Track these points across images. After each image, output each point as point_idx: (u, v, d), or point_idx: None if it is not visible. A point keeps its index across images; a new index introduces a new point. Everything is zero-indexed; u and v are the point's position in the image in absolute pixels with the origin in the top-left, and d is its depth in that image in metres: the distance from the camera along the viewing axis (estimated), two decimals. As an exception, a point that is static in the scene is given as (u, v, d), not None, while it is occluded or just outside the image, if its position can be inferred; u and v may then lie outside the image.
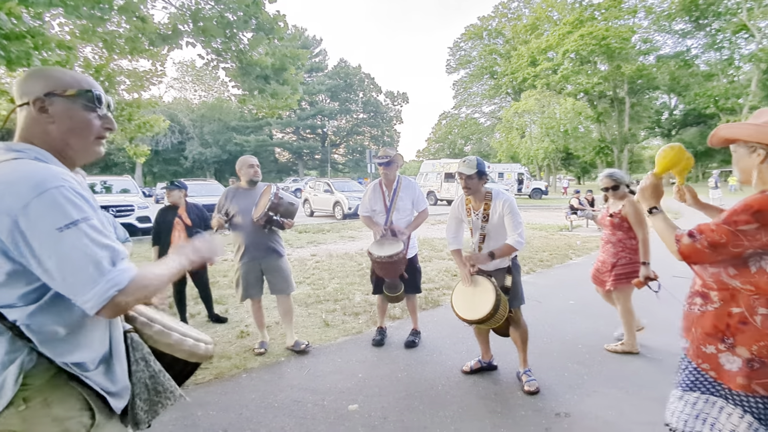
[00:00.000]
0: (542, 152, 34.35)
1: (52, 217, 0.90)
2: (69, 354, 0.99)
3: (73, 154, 1.08)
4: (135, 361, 1.16)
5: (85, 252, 0.91)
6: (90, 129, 1.09)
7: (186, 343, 1.30)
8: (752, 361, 1.33)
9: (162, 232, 3.96)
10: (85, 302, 0.92)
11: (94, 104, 1.09)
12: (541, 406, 2.66)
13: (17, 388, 0.92)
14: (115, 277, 0.94)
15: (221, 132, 46.72)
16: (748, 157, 1.38)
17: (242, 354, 3.45)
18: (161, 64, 10.14)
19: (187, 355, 1.31)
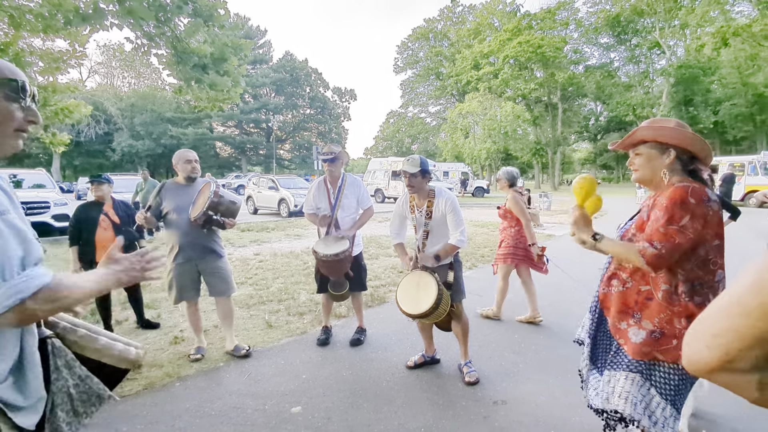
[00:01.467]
0: (485, 152, 35.89)
1: None
2: None
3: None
4: (56, 369, 1.06)
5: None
6: (10, 121, 0.98)
7: (115, 348, 1.21)
8: (654, 332, 1.51)
9: (83, 230, 3.59)
10: None
11: (18, 95, 0.99)
12: (480, 395, 2.77)
13: None
14: (20, 284, 0.84)
15: (155, 123, 43.34)
16: (660, 157, 1.56)
17: (176, 361, 3.23)
18: (81, 45, 9.21)
19: (117, 361, 1.22)
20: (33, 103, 1.05)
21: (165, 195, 3.17)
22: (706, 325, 0.58)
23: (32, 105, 1.04)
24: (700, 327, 0.59)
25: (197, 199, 3.11)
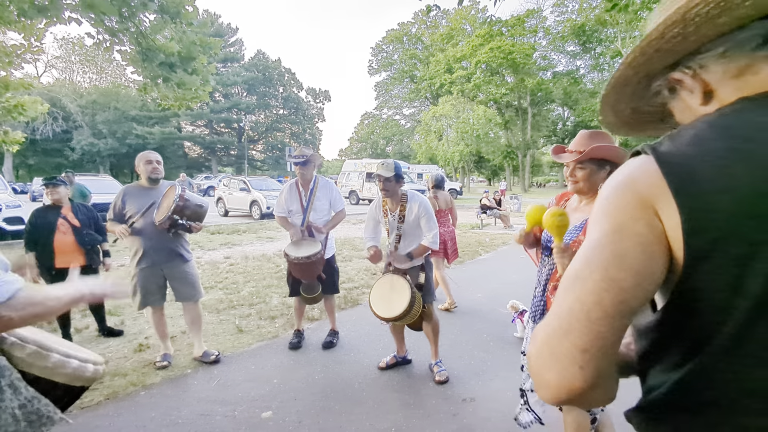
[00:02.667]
0: (458, 155, 36.49)
1: None
2: None
3: None
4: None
5: None
6: None
7: (68, 366, 1.15)
8: None
9: (40, 235, 3.41)
10: None
11: None
12: (450, 393, 2.83)
13: None
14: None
15: (118, 122, 41.46)
16: (598, 173, 1.71)
17: (141, 369, 3.13)
18: (37, 40, 8.73)
19: (70, 379, 1.16)
20: None
21: (127, 198, 3.07)
22: (568, 342, 0.53)
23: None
24: (560, 347, 0.53)
25: (162, 202, 3.02)
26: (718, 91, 0.57)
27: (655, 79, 0.64)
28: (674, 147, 0.54)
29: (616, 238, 0.53)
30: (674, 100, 0.64)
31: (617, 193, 0.55)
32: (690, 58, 0.58)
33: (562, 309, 0.55)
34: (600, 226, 0.55)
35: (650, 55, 0.59)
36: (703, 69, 0.58)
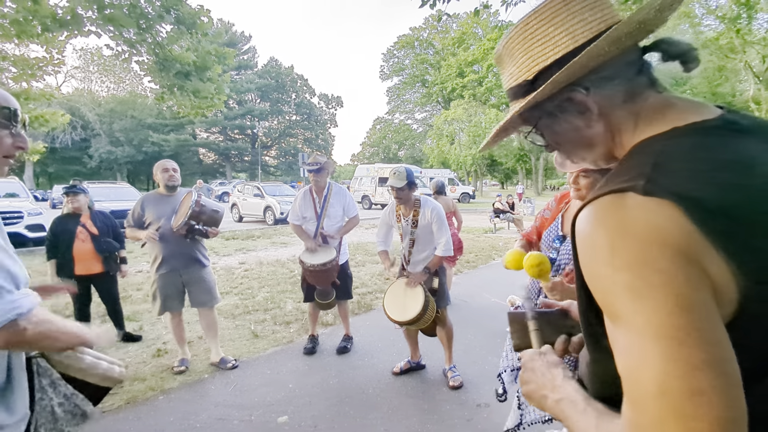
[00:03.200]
0: (470, 159, 36.38)
1: None
2: None
3: None
4: (40, 389, 1.06)
5: None
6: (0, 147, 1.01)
7: (100, 367, 1.21)
8: None
9: (61, 243, 3.51)
10: None
11: (9, 122, 1.01)
12: (464, 399, 2.82)
13: None
14: (16, 300, 0.85)
15: (135, 129, 42.50)
16: (597, 181, 1.69)
17: (159, 374, 3.18)
18: (58, 52, 9.02)
19: (100, 380, 1.22)
20: (23, 129, 1.07)
21: (146, 206, 3.15)
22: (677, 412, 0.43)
23: (22, 131, 1.06)
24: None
25: (179, 208, 3.09)
26: (609, 113, 0.62)
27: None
28: (685, 187, 0.49)
29: (696, 320, 0.45)
30: (552, 119, 0.67)
31: (657, 257, 0.46)
32: (585, 79, 0.61)
33: None
34: (655, 309, 0.46)
35: (569, 76, 0.60)
36: (595, 90, 0.61)
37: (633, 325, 0.47)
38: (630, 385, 0.48)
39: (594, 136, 0.65)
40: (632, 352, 0.48)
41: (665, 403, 0.44)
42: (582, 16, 0.61)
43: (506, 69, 0.70)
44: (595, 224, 0.53)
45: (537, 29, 0.63)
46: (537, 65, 0.63)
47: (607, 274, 0.50)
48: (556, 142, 0.70)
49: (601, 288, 0.52)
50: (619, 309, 0.49)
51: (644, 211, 0.49)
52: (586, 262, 0.54)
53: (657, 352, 0.45)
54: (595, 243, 0.52)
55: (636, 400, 0.47)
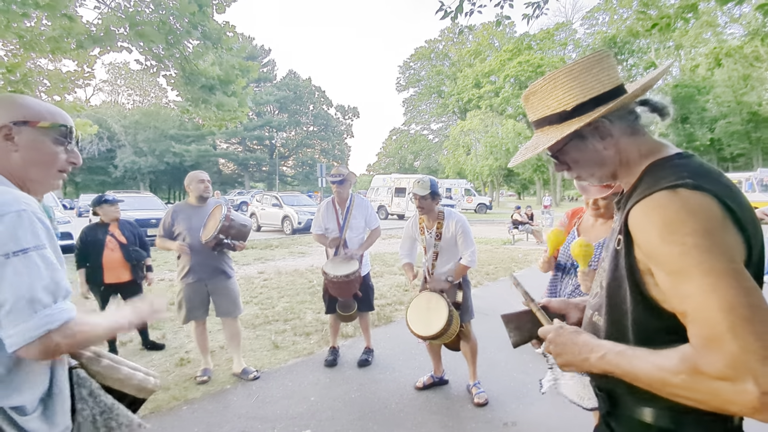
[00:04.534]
0: (487, 169, 36.15)
1: (4, 242, 0.85)
2: (8, 397, 0.89)
3: (31, 184, 1.04)
4: (81, 399, 1.07)
5: (25, 283, 0.86)
6: (55, 163, 1.07)
7: (136, 377, 1.22)
8: None
9: (90, 252, 3.60)
10: (7, 337, 0.84)
11: (65, 138, 1.07)
12: (490, 417, 2.74)
13: None
14: (52, 314, 0.87)
15: (158, 140, 43.72)
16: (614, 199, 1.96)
17: (182, 383, 3.21)
18: (89, 66, 9.40)
19: (136, 390, 1.23)
20: (75, 145, 1.11)
21: (176, 216, 3.21)
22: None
23: (74, 148, 1.11)
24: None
25: (208, 221, 3.14)
26: (620, 141, 0.89)
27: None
28: (714, 188, 0.72)
29: (740, 266, 0.67)
30: (579, 140, 0.90)
31: (712, 227, 0.69)
32: (610, 114, 0.87)
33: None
34: (717, 259, 0.66)
35: (613, 107, 0.86)
36: (612, 123, 0.88)
37: (701, 271, 0.66)
38: (698, 315, 0.67)
39: (607, 157, 0.90)
40: (702, 291, 0.66)
41: (734, 314, 0.63)
42: (608, 72, 0.88)
43: (543, 101, 0.93)
44: (659, 209, 0.73)
45: (578, 75, 0.88)
46: (576, 100, 0.88)
47: (676, 239, 0.69)
48: (575, 160, 0.93)
49: (669, 251, 0.70)
50: (687, 264, 0.68)
51: (697, 198, 0.71)
52: (652, 237, 0.73)
53: (722, 284, 0.64)
54: (664, 220, 0.71)
55: (706, 321, 0.65)
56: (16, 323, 0.84)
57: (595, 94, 0.86)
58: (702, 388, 0.65)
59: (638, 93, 0.87)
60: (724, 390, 0.62)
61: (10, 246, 0.85)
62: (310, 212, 14.06)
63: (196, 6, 5.92)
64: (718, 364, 0.63)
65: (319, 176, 17.20)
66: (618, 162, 0.90)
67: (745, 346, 0.61)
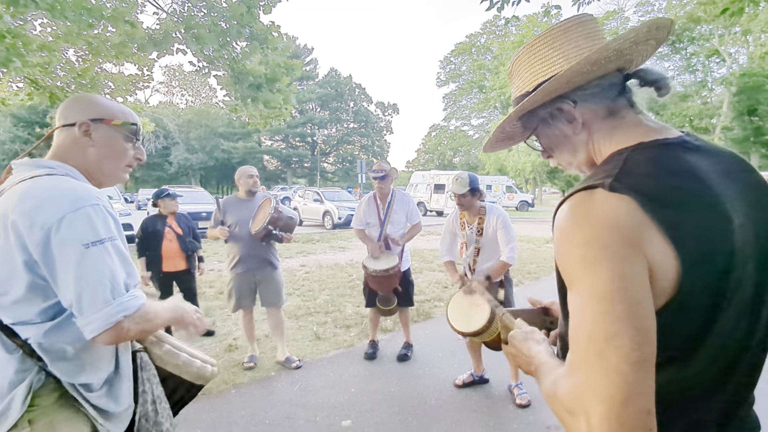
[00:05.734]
0: (529, 165, 34.96)
1: (82, 233, 0.92)
2: (77, 374, 0.98)
3: (102, 177, 1.13)
4: (143, 381, 1.14)
5: (103, 272, 0.93)
6: (124, 158, 1.16)
7: (194, 365, 1.28)
8: None
9: (150, 242, 3.86)
10: (87, 323, 0.91)
11: (134, 136, 1.16)
12: (532, 419, 2.67)
13: (24, 409, 0.90)
14: (126, 302, 0.94)
15: (208, 138, 46.04)
16: None
17: (231, 368, 3.38)
18: (148, 69, 10.04)
19: (194, 377, 1.29)
20: (141, 143, 1.20)
21: (227, 209, 3.38)
22: (635, 409, 0.53)
23: (140, 145, 1.20)
24: (627, 417, 0.53)
25: (257, 213, 3.28)
26: (591, 124, 0.76)
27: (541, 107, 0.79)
28: (650, 189, 0.61)
29: (625, 286, 0.56)
30: (545, 126, 0.81)
31: (606, 237, 0.58)
32: (573, 93, 0.75)
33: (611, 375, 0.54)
34: (597, 276, 0.58)
35: (557, 86, 0.73)
36: (581, 104, 0.75)
37: (580, 287, 0.60)
38: (572, 334, 0.61)
39: (578, 143, 0.78)
40: (577, 309, 0.60)
41: (591, 344, 0.56)
42: (576, 43, 0.74)
43: (514, 83, 0.85)
44: (569, 212, 0.65)
45: (539, 51, 0.77)
46: (536, 79, 0.77)
47: (568, 249, 0.63)
48: (550, 147, 0.84)
49: (563, 260, 0.65)
50: (573, 276, 0.62)
51: (605, 203, 0.61)
52: (557, 242, 0.67)
53: (592, 307, 0.57)
54: (565, 225, 0.65)
55: (573, 345, 0.60)
56: (95, 311, 0.91)
57: (556, 71, 0.74)
58: (558, 413, 0.61)
59: (605, 57, 0.70)
60: (566, 420, 0.59)
61: (89, 237, 0.92)
62: (350, 208, 14.27)
63: (245, 7, 6.15)
64: (564, 392, 0.59)
65: (359, 172, 17.37)
66: (592, 150, 0.78)
67: (589, 380, 0.55)
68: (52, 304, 0.94)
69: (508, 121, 0.86)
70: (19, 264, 0.90)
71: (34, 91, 7.11)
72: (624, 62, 0.74)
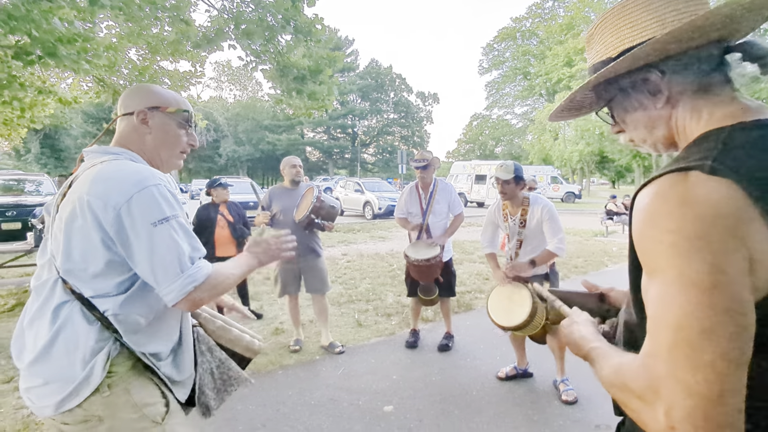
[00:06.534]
0: (577, 155, 33.33)
1: (149, 212, 0.99)
2: (147, 344, 1.07)
3: (160, 163, 1.19)
4: (201, 353, 1.24)
5: (172, 247, 1.00)
6: (178, 143, 1.21)
7: (244, 339, 1.38)
8: None
9: (204, 229, 4.10)
10: (167, 293, 1.00)
11: (187, 123, 1.22)
12: (580, 416, 2.59)
13: (104, 374, 1.00)
14: (194, 273, 1.01)
15: (254, 131, 47.84)
16: None
17: (278, 350, 3.54)
18: (200, 65, 10.55)
19: (244, 350, 1.39)
20: (194, 130, 1.27)
21: (273, 198, 3.52)
22: (729, 407, 0.51)
23: (193, 131, 1.26)
24: (719, 414, 0.50)
25: (301, 201, 3.38)
26: (678, 99, 0.68)
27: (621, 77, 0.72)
28: (746, 170, 0.55)
29: (726, 279, 0.52)
30: (624, 96, 0.74)
31: (703, 226, 0.53)
32: (663, 63, 0.67)
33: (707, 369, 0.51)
34: (692, 266, 0.53)
35: (649, 53, 0.66)
36: (670, 76, 0.68)
37: (669, 276, 0.55)
38: (652, 324, 0.57)
39: (658, 118, 0.71)
40: (661, 298, 0.56)
41: (680, 336, 0.52)
42: (676, 5, 0.66)
43: (593, 48, 0.77)
44: (657, 195, 0.59)
45: (631, 13, 0.69)
46: (623, 45, 0.69)
47: (655, 234, 0.58)
48: (624, 121, 0.76)
49: (646, 246, 0.60)
50: (658, 263, 0.57)
51: (703, 188, 0.55)
52: (638, 227, 0.61)
53: (683, 297, 0.53)
54: (653, 209, 0.59)
55: (655, 334, 0.56)
56: (171, 282, 0.99)
57: (648, 36, 0.66)
58: (628, 403, 0.59)
59: (710, 24, 0.61)
60: (640, 410, 0.56)
61: (155, 215, 0.99)
62: (389, 198, 14.34)
63: (290, 1, 6.28)
64: (641, 381, 0.56)
65: (400, 163, 17.34)
66: (675, 127, 0.70)
67: (676, 372, 0.52)
68: (127, 277, 1.03)
69: (581, 90, 0.78)
70: (97, 241, 0.99)
71: (101, 90, 7.67)
72: (728, 32, 0.65)
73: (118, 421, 1.02)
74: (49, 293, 1.04)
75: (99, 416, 1.01)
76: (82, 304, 1.01)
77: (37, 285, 1.07)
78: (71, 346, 1.00)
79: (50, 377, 1.00)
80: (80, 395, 0.99)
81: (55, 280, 1.03)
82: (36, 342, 1.02)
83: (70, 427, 1.02)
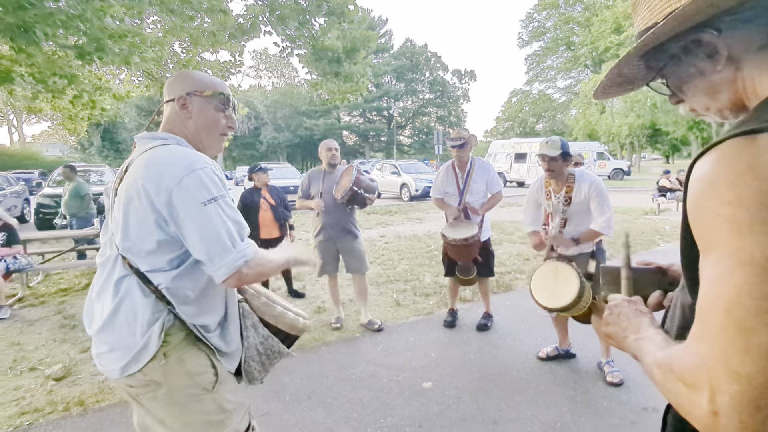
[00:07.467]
0: (626, 128, 31.29)
1: (198, 193, 1.05)
2: (197, 316, 1.16)
3: (202, 147, 1.25)
4: (246, 328, 1.32)
5: (221, 224, 1.06)
6: (217, 126, 1.26)
7: (288, 316, 1.43)
8: None
9: (249, 212, 4.28)
10: (217, 269, 1.07)
11: (224, 105, 1.25)
12: (625, 398, 2.52)
13: (160, 343, 1.09)
14: (243, 249, 1.07)
15: (292, 117, 48.76)
16: None
17: (320, 328, 3.68)
18: (239, 55, 10.82)
19: (288, 327, 1.45)
20: (233, 112, 1.31)
21: (311, 180, 3.61)
22: None
23: (232, 114, 1.30)
24: None
25: (341, 179, 3.47)
26: (741, 58, 0.60)
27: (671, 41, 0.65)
28: None
29: None
30: (676, 64, 0.67)
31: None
32: (718, 20, 0.59)
33: None
34: (753, 241, 0.47)
35: (698, 11, 0.58)
36: (727, 33, 0.59)
37: (725, 252, 0.50)
38: (703, 304, 0.52)
39: (720, 82, 0.63)
40: (716, 276, 0.51)
41: (732, 317, 0.48)
42: None
43: (639, 14, 0.69)
44: (717, 163, 0.53)
45: None
46: (669, 5, 0.62)
47: (713, 206, 0.52)
48: (681, 89, 0.69)
49: (702, 220, 0.54)
50: (715, 238, 0.52)
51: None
52: (694, 197, 0.56)
53: (738, 276, 0.48)
54: (713, 178, 0.53)
55: (704, 316, 0.51)
56: (221, 258, 1.06)
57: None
58: (669, 386, 0.55)
59: None
60: (681, 394, 0.52)
61: (205, 195, 1.06)
62: (426, 180, 14.23)
63: (322, -18, 6.25)
64: (684, 363, 0.52)
65: (436, 143, 17.08)
66: (743, 89, 0.61)
67: (723, 355, 0.47)
68: (178, 254, 1.11)
69: (627, 61, 0.71)
70: (151, 222, 1.07)
71: (150, 83, 8.07)
72: None
73: (173, 387, 1.12)
74: (112, 268, 1.14)
75: (157, 381, 1.11)
76: (139, 278, 1.11)
77: (102, 261, 1.18)
78: (131, 317, 1.10)
79: (114, 344, 1.11)
80: (140, 362, 1.09)
81: (116, 257, 1.13)
82: (102, 312, 1.14)
83: (135, 389, 1.13)
